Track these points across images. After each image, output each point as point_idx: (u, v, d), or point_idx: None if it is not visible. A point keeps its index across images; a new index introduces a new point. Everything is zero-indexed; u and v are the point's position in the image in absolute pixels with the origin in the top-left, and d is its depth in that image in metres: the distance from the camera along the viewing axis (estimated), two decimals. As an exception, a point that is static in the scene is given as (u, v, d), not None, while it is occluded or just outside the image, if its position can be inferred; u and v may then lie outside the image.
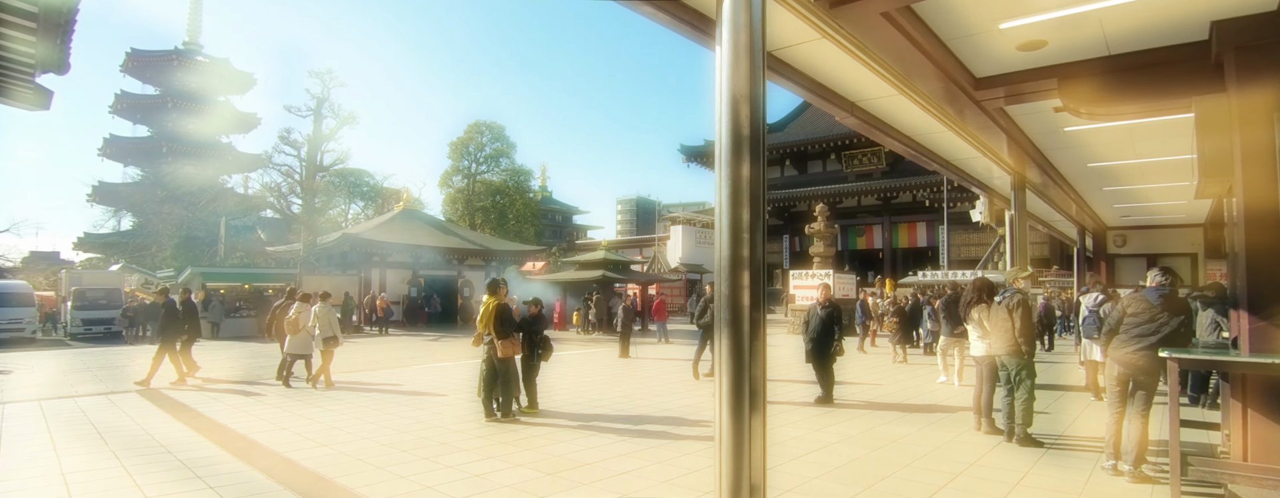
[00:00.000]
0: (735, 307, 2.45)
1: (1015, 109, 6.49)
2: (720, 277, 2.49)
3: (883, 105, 6.42)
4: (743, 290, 2.46)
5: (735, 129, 2.47)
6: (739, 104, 2.48)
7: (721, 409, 2.44)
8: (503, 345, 7.10)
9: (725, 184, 2.46)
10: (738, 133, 2.47)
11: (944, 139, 7.77)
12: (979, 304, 6.34)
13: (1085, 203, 12.71)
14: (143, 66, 49.15)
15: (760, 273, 2.49)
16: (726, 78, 2.50)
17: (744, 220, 2.42)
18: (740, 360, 2.41)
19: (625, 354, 14.46)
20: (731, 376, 2.42)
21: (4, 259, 49.38)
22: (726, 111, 2.50)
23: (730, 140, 2.48)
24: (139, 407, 8.44)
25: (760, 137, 2.50)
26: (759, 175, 2.47)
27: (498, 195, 44.57)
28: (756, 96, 2.50)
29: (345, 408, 8.20)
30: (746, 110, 2.48)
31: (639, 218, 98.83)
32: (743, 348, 2.41)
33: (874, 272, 37.89)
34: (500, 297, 7.43)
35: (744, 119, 2.47)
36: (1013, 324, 5.76)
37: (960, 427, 6.87)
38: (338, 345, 10.43)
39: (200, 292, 22.03)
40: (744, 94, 2.48)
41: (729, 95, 2.49)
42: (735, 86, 2.49)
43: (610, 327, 21.70)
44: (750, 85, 2.49)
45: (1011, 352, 5.84)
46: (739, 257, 2.44)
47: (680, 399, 8.81)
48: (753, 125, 2.47)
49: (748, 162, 2.45)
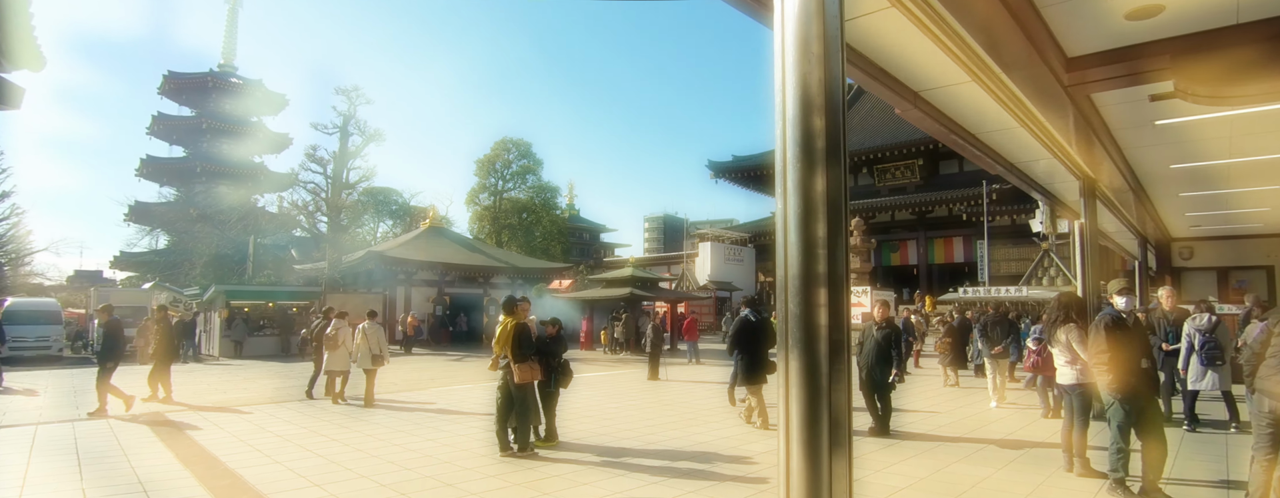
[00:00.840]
0: (809, 326, 2.01)
1: (1104, 97, 5.64)
2: (785, 295, 2.07)
3: (951, 96, 5.61)
4: (818, 309, 2.01)
5: (804, 126, 2.03)
6: (809, 94, 2.03)
7: (789, 447, 2.02)
8: (520, 370, 6.36)
9: (792, 195, 2.04)
10: (807, 130, 2.03)
11: (1012, 138, 6.91)
12: (1066, 324, 5.41)
13: (1155, 211, 11.66)
14: (179, 89, 50.25)
15: (842, 289, 2.04)
16: (791, 63, 2.05)
17: (819, 236, 2.01)
18: (816, 388, 1.99)
19: (654, 376, 13.64)
20: (805, 406, 1.99)
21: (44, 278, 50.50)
22: (792, 105, 2.06)
23: (799, 141, 2.04)
24: (134, 433, 7.87)
25: (838, 133, 2.04)
26: (838, 181, 2.03)
27: (524, 213, 44.23)
28: (833, 83, 2.03)
29: (349, 438, 7.52)
30: (819, 100, 2.03)
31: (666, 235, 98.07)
32: (819, 373, 1.99)
33: (909, 288, 36.50)
34: (518, 316, 6.72)
35: (816, 112, 2.03)
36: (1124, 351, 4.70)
37: (1047, 467, 5.92)
38: (383, 364, 10.57)
39: (223, 310, 21.77)
40: (815, 80, 2.02)
41: (796, 84, 2.05)
42: (804, 72, 2.03)
43: (638, 346, 20.88)
44: (824, 68, 2.03)
45: (1122, 389, 4.76)
46: (812, 273, 2.02)
47: (716, 430, 7.97)
48: (828, 120, 2.02)
49: (823, 167, 2.03)
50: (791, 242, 2.05)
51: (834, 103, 2.09)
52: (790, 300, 2.06)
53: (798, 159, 2.04)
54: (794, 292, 2.05)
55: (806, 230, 2.02)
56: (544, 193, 45.82)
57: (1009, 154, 7.79)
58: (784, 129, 2.07)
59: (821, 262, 2.01)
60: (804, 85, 2.05)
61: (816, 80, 2.05)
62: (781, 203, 2.07)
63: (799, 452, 2.00)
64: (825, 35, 2.04)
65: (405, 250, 27.56)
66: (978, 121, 6.46)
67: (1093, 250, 8.99)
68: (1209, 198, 9.97)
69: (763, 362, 8.17)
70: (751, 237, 42.75)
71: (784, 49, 2.10)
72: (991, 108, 5.80)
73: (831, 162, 2.03)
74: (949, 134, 6.49)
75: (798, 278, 2.04)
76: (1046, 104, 5.47)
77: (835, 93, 2.10)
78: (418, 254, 27.05)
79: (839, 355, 2.01)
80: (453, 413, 9.33)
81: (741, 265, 40.60)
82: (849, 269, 2.21)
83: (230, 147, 49.55)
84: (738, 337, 8.32)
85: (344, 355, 10.48)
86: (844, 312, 2.06)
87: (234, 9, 53.61)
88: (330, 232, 27.60)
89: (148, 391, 10.53)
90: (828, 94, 2.05)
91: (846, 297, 2.19)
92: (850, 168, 40.06)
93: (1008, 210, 31.52)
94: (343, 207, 28.29)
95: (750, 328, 8.39)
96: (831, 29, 2.05)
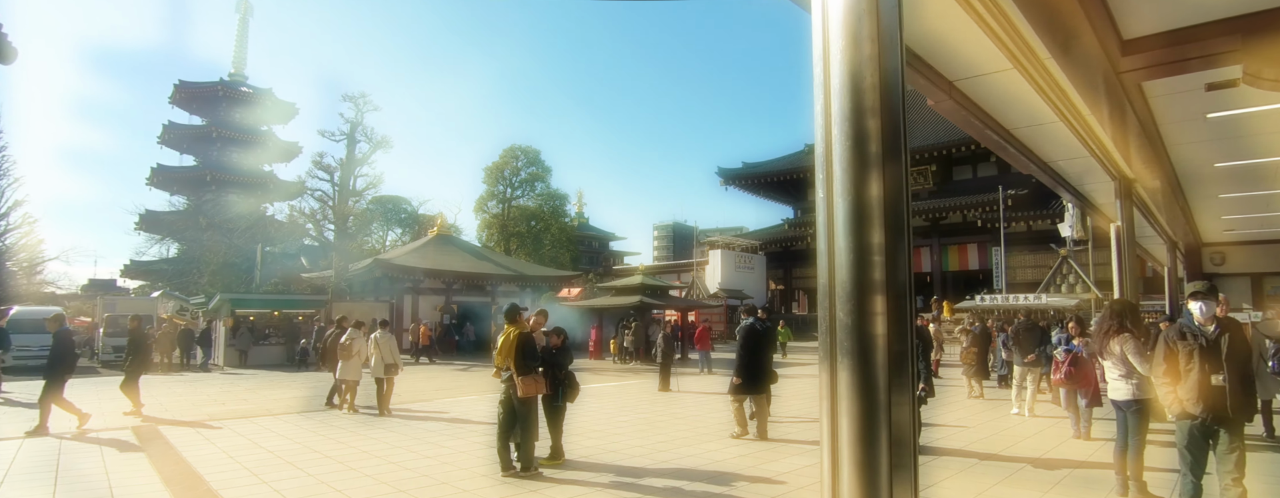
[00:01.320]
0: (863, 335, 1.80)
1: (1156, 87, 5.19)
2: (830, 303, 1.88)
3: (988, 85, 5.18)
4: (874, 317, 1.80)
5: (855, 123, 1.81)
6: (859, 78, 1.80)
7: (836, 469, 1.80)
8: (524, 383, 5.93)
9: (841, 198, 1.83)
10: (859, 127, 1.81)
11: (1049, 133, 6.46)
12: (1119, 333, 4.93)
13: (1190, 213, 11.13)
14: (190, 98, 50.47)
15: (906, 297, 1.84)
16: (838, 44, 1.84)
17: (874, 242, 1.81)
18: (873, 402, 1.77)
19: (665, 387, 13.18)
20: (860, 423, 1.78)
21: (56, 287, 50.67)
22: (841, 94, 1.84)
23: (849, 137, 1.82)
24: (120, 448, 7.50)
25: (898, 127, 1.83)
26: (898, 181, 1.82)
27: (533, 221, 43.94)
28: (890, 64, 1.81)
29: (344, 454, 7.12)
30: (874, 90, 1.80)
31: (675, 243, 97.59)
32: (876, 386, 1.77)
33: (924, 296, 35.85)
34: (522, 325, 6.31)
35: (869, 107, 1.80)
36: (1211, 367, 4.08)
37: (1098, 491, 5.43)
38: (398, 373, 10.48)
39: (228, 319, 21.49)
40: (866, 57, 1.79)
41: (844, 68, 1.83)
42: (854, 55, 1.81)
43: (648, 355, 20.43)
44: (877, 44, 1.80)
45: (1193, 409, 4.12)
46: (867, 280, 1.81)
47: (733, 446, 7.51)
48: (885, 114, 1.80)
49: (879, 167, 1.80)
50: (841, 248, 1.84)
51: (892, 94, 1.84)
52: (839, 309, 1.84)
53: (849, 159, 1.82)
54: (845, 300, 1.83)
55: (860, 236, 1.81)
56: (553, 201, 45.54)
57: (1042, 152, 7.33)
58: (827, 125, 1.87)
59: (878, 268, 1.79)
60: (854, 70, 1.82)
61: (866, 57, 1.82)
62: (826, 207, 1.87)
63: (852, 474, 1.79)
64: (878, 10, 1.82)
65: (412, 258, 27.26)
66: (1014, 115, 6.01)
67: (1130, 256, 8.49)
68: (1250, 200, 9.46)
69: (767, 370, 7.97)
70: (762, 244, 42.24)
71: (826, 31, 1.88)
72: (1030, 99, 5.37)
73: (889, 160, 1.81)
74: (982, 129, 6.04)
75: (849, 285, 1.83)
76: (1094, 94, 5.02)
77: (893, 83, 1.85)
78: (424, 262, 26.74)
79: (901, 368, 1.79)
80: (458, 424, 8.93)
81: (752, 273, 40.08)
82: (912, 276, 1.86)
83: (240, 155, 49.69)
84: (745, 346, 7.98)
85: (356, 365, 10.46)
86: (906, 321, 1.84)
87: (245, 19, 53.94)
88: (337, 239, 27.35)
89: (132, 403, 10.19)
90: (884, 85, 1.82)
91: (911, 305, 1.88)
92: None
93: (1024, 216, 30.91)
94: (350, 214, 28.05)
95: (755, 335, 8.10)
96: (886, 4, 1.84)
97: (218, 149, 49.75)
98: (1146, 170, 7.70)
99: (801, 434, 8.15)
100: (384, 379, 10.22)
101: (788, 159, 42.14)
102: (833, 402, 1.85)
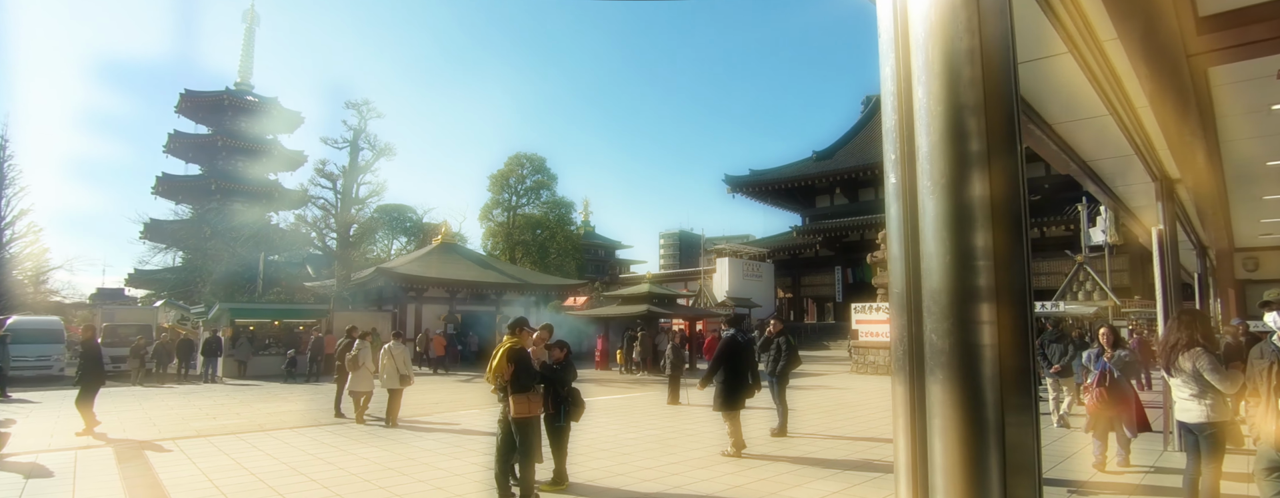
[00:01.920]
0: (969, 346, 1.51)
1: (1223, 72, 4.70)
2: (909, 311, 1.61)
3: (1036, 72, 4.69)
4: (978, 326, 1.51)
5: (950, 115, 1.55)
6: (956, 71, 1.55)
7: None
8: (518, 403, 5.42)
9: (931, 197, 1.56)
10: (954, 118, 1.54)
11: (1094, 128, 5.95)
12: (1191, 348, 4.39)
13: (1228, 216, 10.57)
14: (196, 107, 50.38)
15: (1025, 304, 1.54)
16: (921, 32, 1.61)
17: (977, 245, 1.52)
18: (980, 423, 1.48)
19: (674, 400, 12.65)
20: (963, 446, 1.48)
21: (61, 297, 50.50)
22: (933, 67, 1.58)
23: (947, 121, 1.55)
24: (96, 468, 7.03)
25: (1011, 116, 1.57)
26: (1011, 176, 1.55)
27: (538, 229, 43.52)
28: (997, 51, 1.55)
29: (330, 477, 6.63)
30: (971, 72, 1.54)
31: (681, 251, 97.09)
32: (983, 402, 1.48)
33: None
34: (523, 340, 5.78)
35: (967, 95, 1.53)
36: None
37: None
38: (409, 384, 10.42)
39: (227, 328, 21.08)
40: (962, 50, 1.54)
41: (937, 60, 1.57)
42: (948, 46, 1.56)
43: (656, 366, 19.89)
44: (978, 36, 1.54)
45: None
46: (969, 287, 1.52)
47: (752, 468, 6.97)
48: (993, 102, 1.53)
49: (984, 163, 1.53)
50: (930, 252, 1.58)
51: (1001, 85, 1.56)
52: (928, 318, 1.59)
53: (944, 151, 1.54)
54: (939, 308, 1.56)
55: (960, 238, 1.56)
56: (558, 209, 45.13)
57: (1083, 150, 6.82)
58: (907, 122, 1.63)
59: (983, 273, 1.52)
60: (949, 63, 1.55)
61: (968, 55, 1.55)
62: (902, 211, 1.64)
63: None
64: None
65: (415, 267, 26.86)
66: (1057, 107, 5.51)
67: (1172, 262, 7.96)
68: (1298, 202, 8.92)
69: (745, 386, 7.71)
70: (769, 252, 41.73)
71: (905, 21, 1.67)
72: (1080, 89, 4.87)
73: (999, 156, 1.52)
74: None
75: (946, 292, 1.55)
76: (1157, 81, 4.51)
77: (1002, 74, 1.57)
78: (428, 271, 26.32)
79: (1019, 384, 1.50)
80: (460, 439, 8.43)
81: (760, 281, 39.56)
82: (1030, 280, 1.58)
83: (245, 164, 49.51)
84: (722, 358, 7.70)
85: (367, 376, 10.45)
86: (1025, 330, 1.55)
87: (251, 28, 54.00)
88: (339, 248, 26.97)
89: (85, 422, 9.35)
90: (989, 77, 1.53)
91: (1029, 313, 1.60)
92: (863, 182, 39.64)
93: (1037, 223, 30.36)
94: (353, 222, 27.69)
95: (737, 349, 7.75)
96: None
97: (223, 158, 49.60)
98: (1193, 169, 7.17)
99: (823, 452, 7.62)
100: (397, 391, 10.20)
101: (795, 167, 41.70)
102: (915, 421, 1.59)
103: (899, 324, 1.63)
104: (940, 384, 1.53)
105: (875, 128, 43.50)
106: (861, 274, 35.04)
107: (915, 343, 1.63)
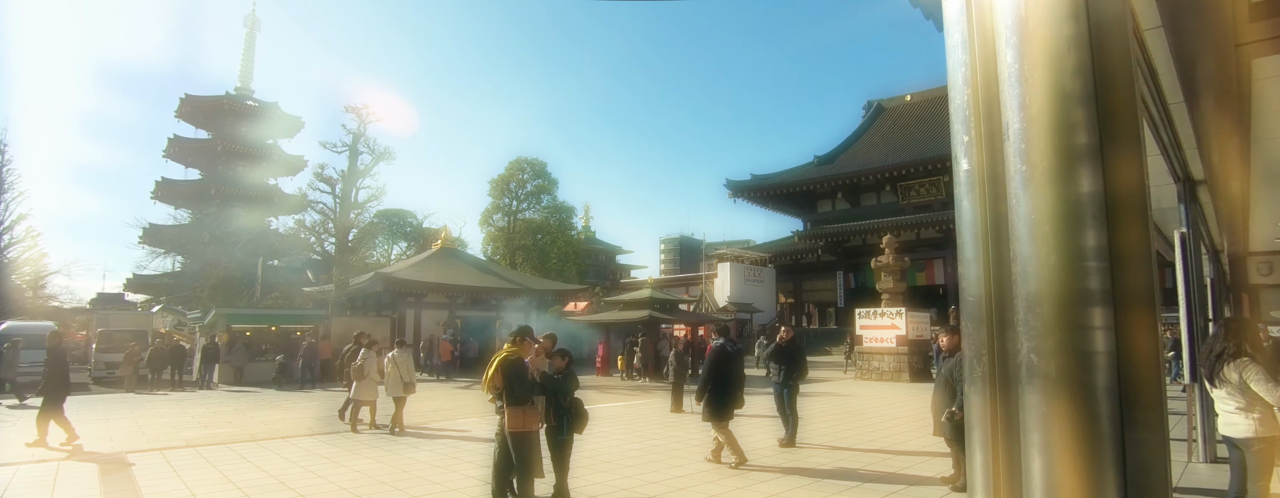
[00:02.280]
0: (1079, 354, 1.33)
1: (1267, 65, 4.43)
2: (988, 317, 1.47)
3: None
4: (1092, 332, 1.33)
5: (1057, 107, 1.38)
6: (1060, 58, 1.38)
7: None
8: (514, 416, 5.12)
9: (1026, 196, 1.40)
10: (1062, 110, 1.38)
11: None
12: (1238, 357, 4.11)
13: (1247, 219, 10.29)
14: (196, 112, 50.23)
15: (1151, 308, 1.36)
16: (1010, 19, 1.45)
17: (1088, 246, 1.36)
18: (1096, 438, 1.31)
19: (678, 408, 12.35)
20: (1073, 466, 1.32)
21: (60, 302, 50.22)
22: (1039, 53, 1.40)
23: (1050, 108, 1.39)
24: (79, 482, 6.74)
25: (1132, 107, 1.43)
26: (1135, 171, 1.39)
27: (539, 234, 43.27)
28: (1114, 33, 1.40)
29: (321, 492, 6.32)
30: (1076, 60, 1.38)
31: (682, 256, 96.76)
32: (1099, 417, 1.32)
33: (936, 309, 34.89)
34: (524, 349, 5.48)
35: (1071, 85, 1.36)
36: None
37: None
38: (412, 392, 10.38)
39: (223, 334, 20.78)
40: (1065, 37, 1.38)
41: (1039, 47, 1.41)
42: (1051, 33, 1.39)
43: (658, 372, 19.58)
44: (1085, 22, 1.39)
45: None
46: (1082, 290, 1.33)
47: (765, 483, 6.66)
48: (1105, 91, 1.37)
49: (1096, 158, 1.38)
50: (1025, 254, 1.44)
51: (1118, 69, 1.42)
52: (1021, 325, 1.43)
53: (1054, 143, 1.41)
54: (1047, 314, 1.39)
55: (1071, 238, 1.43)
56: (559, 214, 44.89)
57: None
58: (981, 118, 1.55)
59: (1095, 275, 1.38)
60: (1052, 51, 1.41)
61: (1073, 42, 1.42)
62: (979, 212, 1.55)
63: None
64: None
65: (415, 272, 26.59)
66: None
67: (1197, 267, 7.67)
68: (1322, 204, 8.64)
69: (736, 397, 7.50)
70: (771, 257, 41.44)
71: None
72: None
73: (1115, 149, 1.40)
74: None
75: (1058, 298, 1.38)
76: (1197, 74, 4.25)
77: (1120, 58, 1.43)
78: (427, 276, 26.04)
79: (1148, 398, 1.36)
80: (457, 447, 8.12)
81: (762, 286, 39.27)
82: (1157, 284, 1.39)
83: (245, 169, 49.35)
84: (712, 369, 7.51)
85: (371, 385, 10.31)
86: (1151, 338, 1.38)
87: (252, 33, 53.91)
88: (338, 253, 26.67)
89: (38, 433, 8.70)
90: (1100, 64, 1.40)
91: (1155, 318, 1.42)
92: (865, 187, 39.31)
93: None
94: (352, 227, 27.40)
95: (726, 359, 7.54)
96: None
97: (223, 163, 49.44)
98: (1221, 169, 6.90)
99: (836, 464, 7.31)
100: (402, 398, 10.15)
101: (797, 171, 41.46)
102: (997, 436, 1.49)
103: (977, 333, 1.45)
104: (1039, 393, 1.38)
105: (877, 133, 43.28)
106: (864, 279, 34.74)
107: (987, 350, 1.51)
